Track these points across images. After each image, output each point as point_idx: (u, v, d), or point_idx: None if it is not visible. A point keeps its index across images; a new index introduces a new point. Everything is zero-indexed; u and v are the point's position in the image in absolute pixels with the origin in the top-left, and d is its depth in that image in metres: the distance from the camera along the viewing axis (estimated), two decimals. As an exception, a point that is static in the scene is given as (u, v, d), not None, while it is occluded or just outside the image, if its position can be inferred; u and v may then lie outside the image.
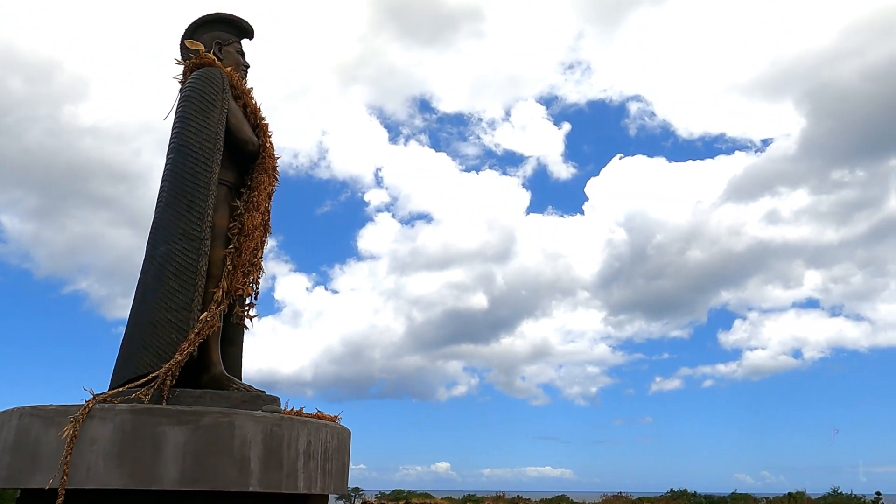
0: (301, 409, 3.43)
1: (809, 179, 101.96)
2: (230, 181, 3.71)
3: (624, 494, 40.57)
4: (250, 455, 3.00)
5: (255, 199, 3.70)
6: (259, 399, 3.37)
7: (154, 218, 3.60)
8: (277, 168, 3.84)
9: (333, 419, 3.56)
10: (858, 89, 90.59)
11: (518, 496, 42.91)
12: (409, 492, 46.46)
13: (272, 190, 3.81)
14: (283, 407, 3.46)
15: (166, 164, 3.65)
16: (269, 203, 3.79)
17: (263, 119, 3.87)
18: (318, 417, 3.48)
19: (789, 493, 38.56)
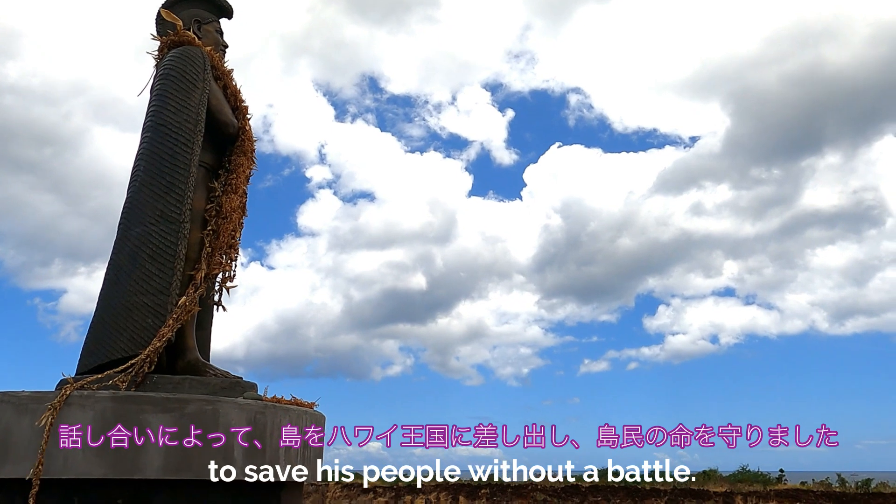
0: (282, 398, 3.41)
1: (731, 175, 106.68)
2: (209, 163, 3.61)
3: (553, 473, 41.90)
4: (234, 443, 2.97)
5: (233, 182, 3.61)
6: (238, 385, 3.33)
7: (128, 198, 3.47)
8: (255, 151, 3.76)
9: (311, 406, 3.55)
10: (778, 93, 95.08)
11: (449, 475, 43.64)
12: (340, 471, 46.61)
13: (250, 173, 3.73)
14: (259, 392, 3.43)
15: (141, 143, 3.51)
16: (247, 186, 3.71)
17: (244, 101, 3.77)
18: (296, 404, 3.47)
19: (704, 471, 40.78)
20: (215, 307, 3.70)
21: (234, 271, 3.61)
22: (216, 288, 3.63)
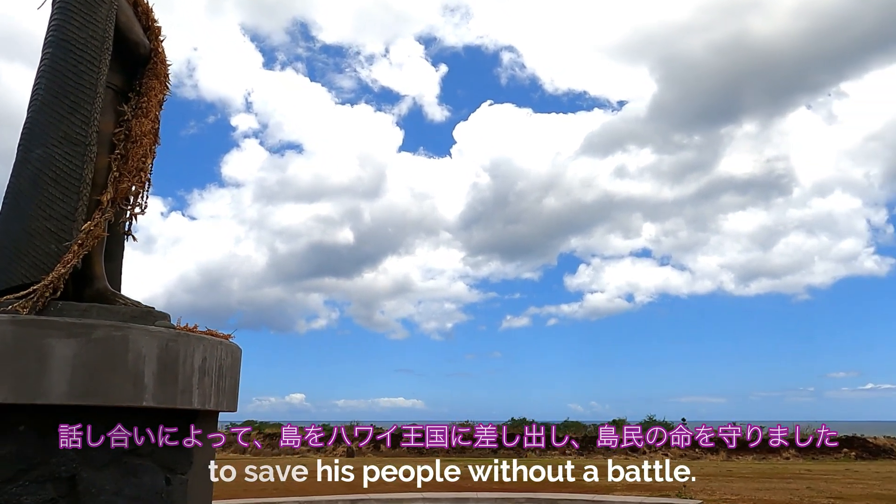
0: (195, 326, 3.37)
1: (655, 140, 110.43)
2: (117, 85, 3.43)
3: (470, 422, 43.25)
4: (145, 370, 2.93)
5: (144, 106, 3.46)
6: (150, 315, 3.26)
7: (28, 118, 3.27)
8: (169, 76, 3.61)
9: (227, 337, 3.53)
10: (704, 61, 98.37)
11: (371, 425, 44.31)
12: (261, 422, 46.32)
13: (163, 98, 3.58)
14: (173, 323, 3.38)
15: (42, 60, 3.29)
16: (159, 111, 3.56)
17: (156, 21, 3.59)
18: (211, 335, 3.44)
19: (613, 420, 43.06)
20: (125, 237, 3.59)
21: (146, 199, 3.49)
22: (126, 216, 3.51)
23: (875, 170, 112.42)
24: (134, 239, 3.57)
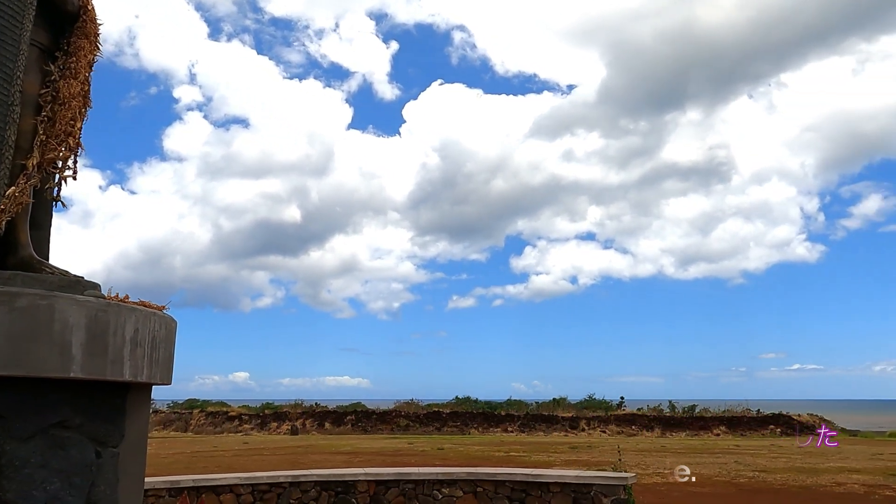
0: (126, 297, 3.27)
1: (603, 125, 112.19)
2: (43, 43, 3.26)
3: (415, 401, 43.53)
4: (72, 340, 2.82)
5: (72, 66, 3.29)
6: (79, 284, 3.14)
7: (-55, 75, 3.08)
8: (100, 36, 3.45)
9: (161, 308, 3.44)
10: (652, 48, 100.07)
11: (315, 403, 44.08)
12: (203, 401, 45.55)
13: (93, 59, 3.42)
14: (104, 293, 3.27)
15: (-40, 13, 3.10)
16: (89, 72, 3.40)
17: (85, -24, 3.41)
18: (144, 306, 3.35)
19: (554, 399, 44.09)
20: (53, 204, 3.44)
21: (75, 164, 3.35)
22: (55, 181, 3.36)
23: (810, 160, 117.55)
24: (63, 205, 3.43)
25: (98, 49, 3.47)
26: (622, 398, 43.20)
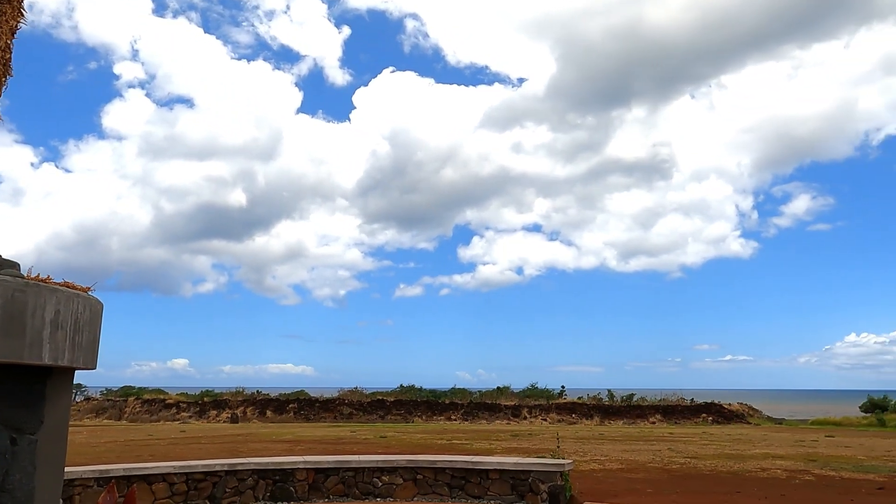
0: (49, 277, 3.12)
1: (551, 119, 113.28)
2: (-41, 6, 3.07)
3: (359, 389, 43.36)
4: (-14, 321, 2.69)
5: (-8, 33, 3.11)
6: (-5, 263, 2.99)
7: None
8: (29, 4, 3.26)
9: (85, 290, 3.30)
10: (601, 45, 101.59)
11: (257, 391, 43.41)
12: (139, 388, 44.23)
13: (15, 25, 3.24)
14: (24, 273, 3.11)
15: None
16: (10, 40, 3.22)
17: (8, -63, 3.21)
18: (67, 287, 3.21)
19: (498, 387, 44.67)
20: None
21: (-7, 137, 3.18)
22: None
23: (746, 160, 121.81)
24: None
25: (22, 15, 3.28)
26: (563, 387, 44.10)
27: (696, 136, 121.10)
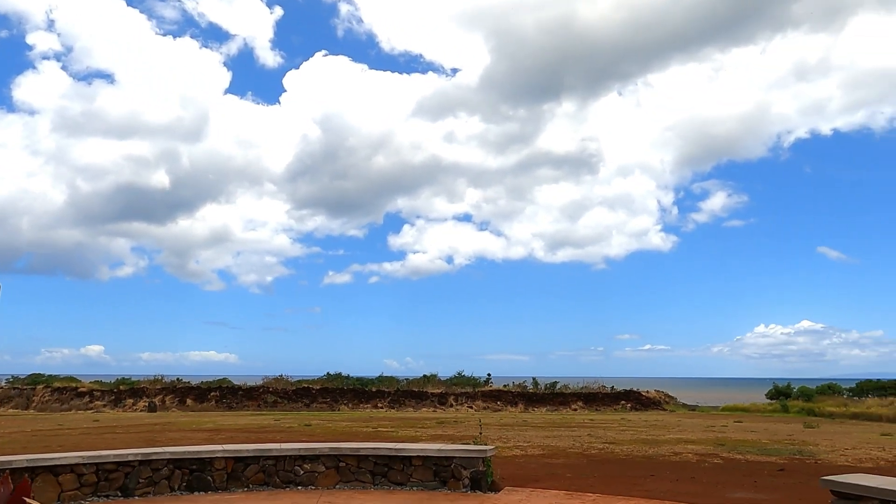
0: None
1: (484, 109, 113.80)
2: None
3: (284, 377, 42.66)
4: None
5: None
6: None
7: None
8: None
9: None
10: (534, 38, 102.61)
11: (177, 379, 42.02)
12: (49, 375, 42.01)
13: None
14: None
15: None
16: None
17: None
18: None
19: (425, 375, 44.91)
20: None
21: None
22: None
23: (668, 157, 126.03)
24: None
25: None
26: (489, 375, 44.77)
27: (623, 133, 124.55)
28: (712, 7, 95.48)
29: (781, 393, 41.64)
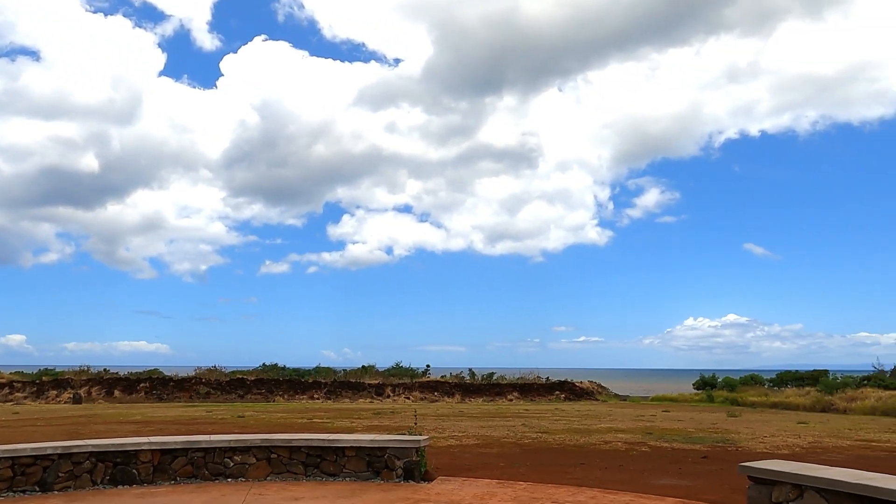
0: None
1: (426, 101, 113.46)
2: None
3: (218, 368, 41.69)
4: None
5: None
6: None
7: None
8: None
9: None
10: (476, 31, 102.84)
11: (104, 370, 40.49)
12: (-38, 366, 39.74)
13: None
14: None
15: None
16: None
17: None
18: None
19: (363, 366, 44.70)
20: None
21: None
22: None
23: (605, 153, 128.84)
24: None
25: None
26: (428, 366, 44.88)
27: (562, 128, 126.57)
28: (651, 7, 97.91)
29: (707, 384, 43.32)
